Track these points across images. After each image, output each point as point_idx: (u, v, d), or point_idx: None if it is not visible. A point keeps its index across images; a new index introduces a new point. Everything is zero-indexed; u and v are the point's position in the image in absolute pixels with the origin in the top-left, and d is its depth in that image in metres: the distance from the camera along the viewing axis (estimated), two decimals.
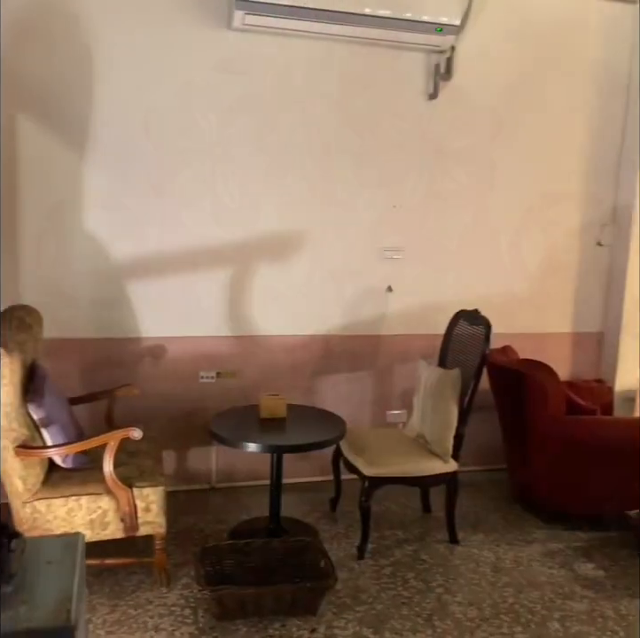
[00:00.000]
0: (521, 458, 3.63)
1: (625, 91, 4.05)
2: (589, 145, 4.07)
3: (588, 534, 3.42)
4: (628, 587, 2.97)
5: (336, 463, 3.49)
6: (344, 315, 3.88)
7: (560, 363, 4.12)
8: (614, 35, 3.97)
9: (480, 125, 3.88)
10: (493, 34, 3.80)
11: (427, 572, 3.03)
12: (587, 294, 4.24)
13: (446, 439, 3.19)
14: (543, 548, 3.29)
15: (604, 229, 4.17)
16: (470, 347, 3.39)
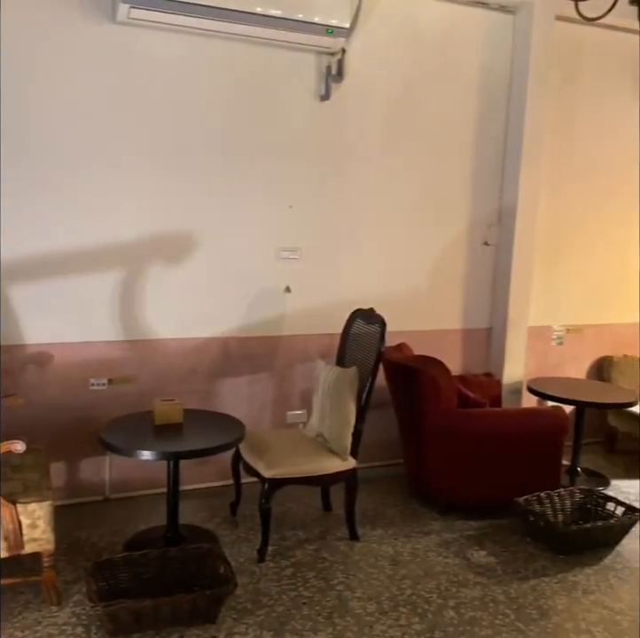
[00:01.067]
0: (416, 452, 3.73)
1: (506, 97, 4.24)
2: (474, 148, 4.24)
3: (480, 523, 3.56)
4: (518, 570, 3.11)
5: (236, 467, 3.44)
6: (242, 316, 3.84)
7: (452, 359, 4.28)
8: (495, 43, 4.16)
9: (371, 126, 3.95)
10: (382, 37, 3.88)
11: (328, 571, 3.05)
12: (475, 292, 4.41)
13: (344, 437, 3.22)
14: (439, 538, 3.39)
15: (491, 229, 4.36)
16: (366, 345, 3.44)
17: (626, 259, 4.80)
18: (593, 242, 4.68)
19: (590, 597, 2.92)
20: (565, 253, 4.61)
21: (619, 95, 4.57)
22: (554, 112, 4.35)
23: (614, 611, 2.82)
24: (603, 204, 4.66)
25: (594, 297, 4.75)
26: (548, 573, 3.10)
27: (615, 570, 3.15)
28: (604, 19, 3.95)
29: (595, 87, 4.49)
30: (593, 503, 3.51)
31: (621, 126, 4.61)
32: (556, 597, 2.91)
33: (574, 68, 4.41)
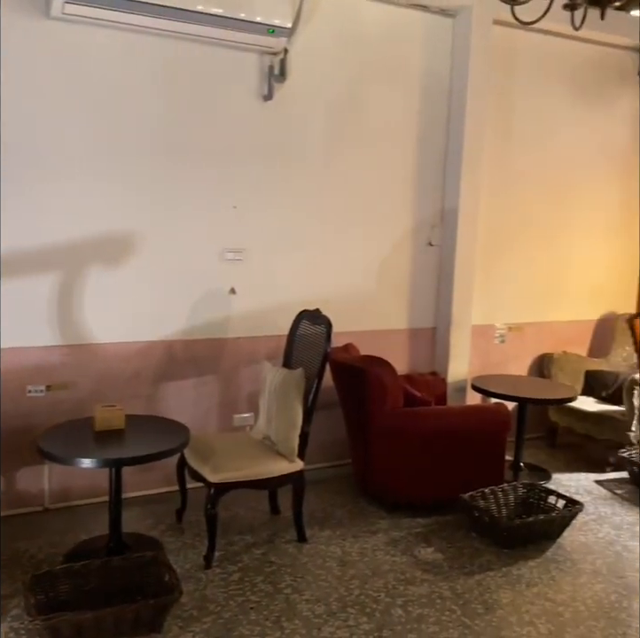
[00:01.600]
0: (364, 452, 3.74)
1: (447, 99, 4.31)
2: (417, 150, 4.28)
3: (427, 520, 3.59)
4: (464, 566, 3.15)
5: (181, 473, 3.38)
6: (187, 318, 3.78)
7: (398, 358, 4.32)
8: (436, 46, 4.21)
9: (314, 127, 3.95)
10: (324, 38, 3.88)
11: (276, 574, 3.02)
12: (420, 292, 4.46)
13: (291, 439, 3.20)
14: (387, 537, 3.41)
15: (434, 230, 4.41)
16: (313, 347, 3.43)
17: (564, 259, 4.93)
18: (533, 242, 4.80)
19: (533, 590, 2.98)
20: (506, 254, 4.71)
21: (556, 99, 4.69)
22: (494, 115, 4.44)
23: (556, 603, 2.89)
24: (542, 206, 4.78)
25: (534, 296, 4.87)
26: (493, 568, 3.15)
27: (557, 562, 3.23)
28: (541, 24, 4.06)
29: (533, 91, 4.60)
30: (535, 497, 3.58)
31: (558, 130, 4.74)
32: (500, 591, 2.96)
33: (513, 72, 4.51)
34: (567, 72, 4.70)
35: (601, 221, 5.04)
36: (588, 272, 5.04)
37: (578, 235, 4.96)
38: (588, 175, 4.91)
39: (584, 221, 4.96)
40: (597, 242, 5.05)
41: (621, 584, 3.05)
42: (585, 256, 5.01)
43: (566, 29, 3.37)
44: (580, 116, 4.80)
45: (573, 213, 4.91)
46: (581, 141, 4.84)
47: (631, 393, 4.22)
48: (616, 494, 4.05)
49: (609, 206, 5.05)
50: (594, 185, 4.95)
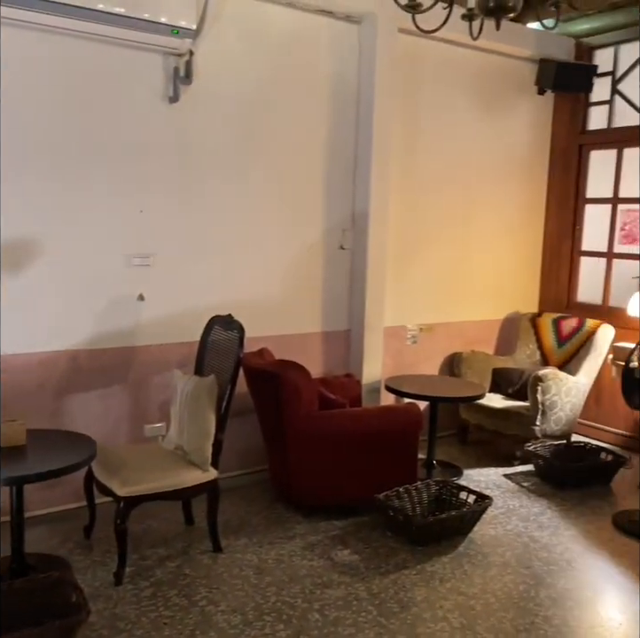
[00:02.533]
0: (280, 457, 3.72)
1: (356, 105, 4.36)
2: (327, 154, 4.31)
3: (344, 522, 3.61)
4: (380, 565, 3.19)
5: (89, 487, 3.25)
6: (93, 327, 3.64)
7: (313, 361, 4.33)
8: (344, 52, 4.25)
9: (224, 130, 3.90)
10: (231, 41, 3.84)
11: (190, 587, 2.96)
12: (334, 295, 4.49)
13: (204, 447, 3.14)
14: (303, 541, 3.40)
15: (345, 233, 4.45)
16: (226, 353, 3.39)
17: (471, 261, 5.09)
18: (441, 245, 4.92)
19: (447, 585, 3.05)
20: (416, 256, 4.81)
21: (461, 106, 4.84)
22: (402, 120, 4.52)
23: (469, 596, 2.96)
24: (449, 210, 4.92)
25: (444, 297, 5.00)
26: (407, 566, 3.20)
27: (469, 556, 3.31)
28: (444, 34, 4.16)
29: (439, 97, 4.72)
30: (448, 494, 3.67)
31: (463, 135, 4.89)
32: (415, 588, 3.01)
33: (419, 79, 4.62)
34: (471, 80, 4.86)
35: (505, 224, 5.23)
36: (493, 273, 5.22)
37: (484, 238, 5.13)
38: (492, 180, 5.09)
39: (489, 224, 5.14)
40: (502, 245, 5.24)
41: (529, 574, 3.17)
42: (491, 258, 5.19)
43: (469, 39, 3.47)
44: (483, 122, 4.97)
45: (478, 216, 5.08)
46: (485, 146, 5.01)
47: (535, 389, 4.41)
48: (523, 486, 4.21)
49: (513, 210, 5.26)
50: (498, 189, 5.14)
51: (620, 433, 4.92)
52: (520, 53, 4.94)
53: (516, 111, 5.13)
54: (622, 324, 4.79)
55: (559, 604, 2.92)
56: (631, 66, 4.86)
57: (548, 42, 4.95)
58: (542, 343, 5.14)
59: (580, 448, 4.45)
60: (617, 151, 4.98)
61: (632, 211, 4.99)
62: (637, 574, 3.19)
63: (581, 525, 3.69)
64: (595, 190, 5.19)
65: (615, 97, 4.98)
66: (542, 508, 3.90)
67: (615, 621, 2.83)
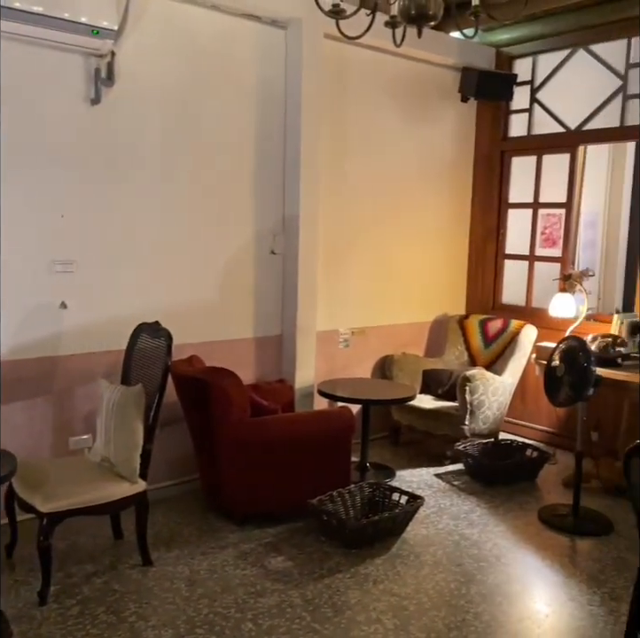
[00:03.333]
0: (212, 465, 3.66)
1: (284, 110, 4.35)
2: (256, 159, 4.28)
3: (278, 529, 3.59)
4: (314, 571, 3.18)
5: (9, 505, 3.11)
6: (12, 336, 3.49)
7: (245, 368, 4.29)
8: (270, 57, 4.24)
9: (149, 133, 3.82)
10: (156, 43, 3.77)
11: (119, 603, 2.87)
12: (265, 300, 4.46)
13: (132, 459, 3.06)
14: (237, 550, 3.36)
15: (276, 238, 4.44)
16: (153, 361, 3.31)
17: (401, 264, 5.16)
18: (372, 249, 4.97)
19: (380, 587, 3.07)
20: (347, 260, 4.85)
21: (388, 112, 4.91)
22: (330, 126, 4.55)
23: (402, 597, 2.99)
24: (379, 214, 4.97)
25: (375, 300, 5.05)
26: (341, 569, 3.20)
27: (402, 557, 3.35)
28: (370, 41, 4.21)
29: (366, 104, 4.77)
30: (381, 496, 3.70)
31: (390, 141, 4.95)
32: (349, 592, 3.01)
33: (347, 85, 4.65)
34: (398, 86, 4.93)
35: (433, 228, 5.34)
36: (422, 277, 5.31)
37: (413, 242, 5.21)
38: (420, 184, 5.19)
39: (418, 228, 5.23)
40: (431, 248, 5.35)
41: (460, 572, 3.23)
42: (420, 262, 5.28)
43: (394, 46, 3.52)
44: (410, 127, 5.06)
45: (407, 220, 5.16)
46: (412, 151, 5.10)
47: (463, 389, 4.50)
48: (454, 485, 4.29)
49: (440, 214, 5.37)
50: (426, 194, 5.24)
51: (545, 430, 5.09)
52: (444, 61, 5.05)
53: (441, 117, 5.24)
54: (544, 324, 4.96)
55: (489, 600, 2.98)
56: (548, 76, 5.05)
57: (470, 50, 5.08)
58: (469, 344, 5.27)
59: (507, 446, 4.58)
60: (537, 158, 5.17)
61: (552, 215, 5.18)
62: (563, 566, 3.30)
63: (509, 521, 3.79)
64: (517, 195, 5.36)
65: (534, 106, 5.16)
66: (472, 505, 3.98)
67: (542, 613, 2.92)
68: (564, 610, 2.93)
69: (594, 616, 2.87)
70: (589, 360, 3.64)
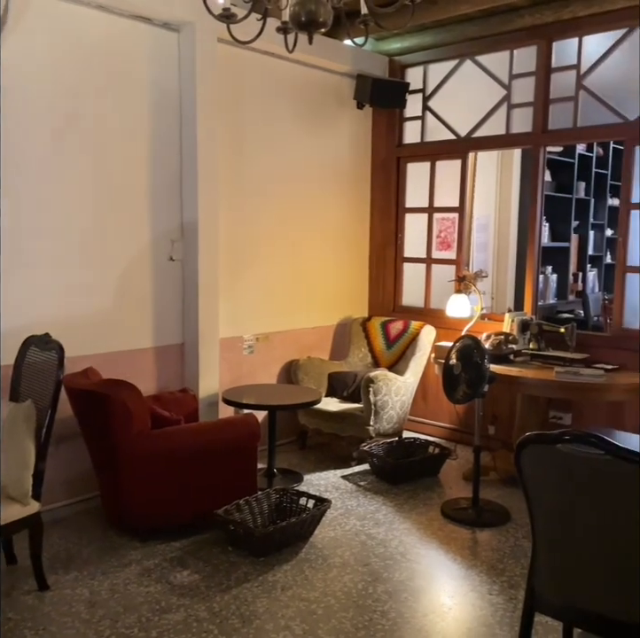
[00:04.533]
0: (113, 481, 3.53)
1: (179, 114, 4.27)
2: (151, 164, 4.17)
3: (183, 542, 3.50)
4: (221, 582, 3.13)
5: None
6: None
7: (146, 378, 4.17)
8: (164, 60, 4.15)
9: (37, 137, 3.64)
10: (41, 40, 3.60)
11: (13, 632, 2.70)
12: (165, 308, 4.35)
13: (23, 479, 2.89)
14: (140, 567, 3.25)
15: (174, 244, 4.34)
16: (44, 375, 3.15)
17: (304, 269, 5.18)
18: (275, 254, 4.97)
19: (288, 593, 3.06)
20: (250, 266, 4.82)
21: (286, 118, 4.92)
22: (228, 131, 4.51)
23: (310, 601, 2.99)
24: (281, 219, 4.98)
25: (279, 305, 5.05)
26: (249, 579, 3.16)
27: (310, 561, 3.35)
28: (264, 46, 4.22)
29: (264, 109, 4.77)
30: (288, 501, 3.69)
31: (290, 147, 4.97)
32: (257, 601, 2.98)
33: (245, 91, 4.62)
34: (296, 93, 4.96)
35: (334, 232, 5.40)
36: (325, 281, 5.36)
37: (315, 246, 5.25)
38: (320, 190, 5.23)
39: (319, 233, 5.28)
40: (333, 253, 5.40)
41: (367, 571, 3.27)
42: (323, 266, 5.33)
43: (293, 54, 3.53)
44: (308, 134, 5.10)
45: (308, 225, 5.19)
46: (311, 158, 5.14)
47: (367, 391, 4.57)
48: (360, 486, 4.35)
49: (340, 219, 5.44)
50: (326, 199, 5.29)
51: (446, 427, 5.26)
52: (339, 68, 5.13)
53: (339, 123, 5.32)
54: (442, 325, 5.12)
55: (395, 597, 3.04)
56: (439, 85, 5.23)
57: (364, 58, 5.19)
58: (372, 346, 5.36)
59: (410, 444, 4.69)
60: (430, 164, 5.34)
61: (446, 219, 5.37)
62: (464, 558, 3.41)
63: (413, 518, 3.88)
64: (414, 199, 5.51)
65: (427, 113, 5.33)
66: (378, 505, 4.05)
67: (446, 606, 3.00)
68: (466, 602, 3.03)
69: (494, 605, 2.99)
70: (483, 357, 3.79)
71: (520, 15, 4.52)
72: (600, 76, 4.45)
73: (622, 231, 4.44)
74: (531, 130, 4.75)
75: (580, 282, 7.01)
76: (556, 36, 4.55)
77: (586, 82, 4.49)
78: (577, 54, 4.51)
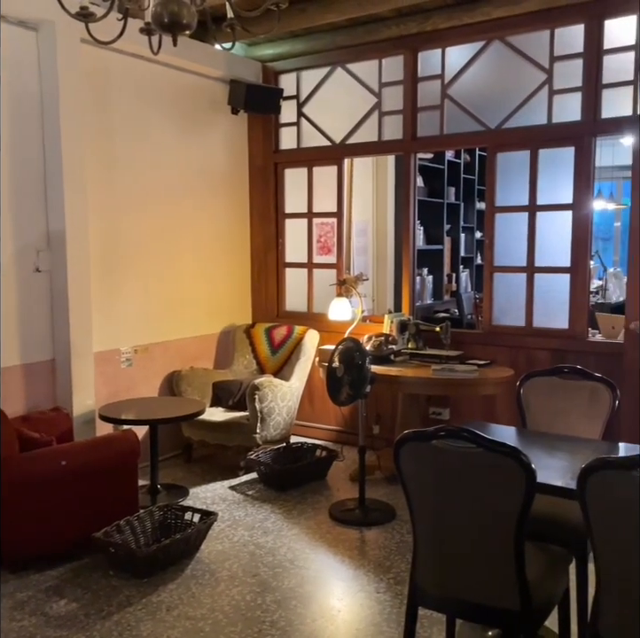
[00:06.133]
0: None
1: (41, 117, 4.04)
2: (11, 170, 3.92)
3: (60, 570, 3.30)
4: (101, 609, 2.97)
5: None
6: None
7: (14, 399, 3.91)
8: (22, 60, 3.91)
9: None
10: None
11: None
12: (32, 322, 4.09)
13: None
14: (12, 601, 3.02)
15: (40, 254, 4.10)
16: None
17: (184, 277, 5.06)
18: (152, 263, 4.81)
19: (174, 613, 2.95)
20: (126, 275, 4.63)
21: (160, 123, 4.78)
22: (98, 136, 4.32)
23: (197, 619, 2.90)
24: (157, 227, 4.83)
25: (158, 316, 4.89)
26: (132, 602, 3.02)
27: (196, 577, 3.26)
28: (135, 49, 4.08)
29: (137, 114, 4.61)
30: (173, 517, 3.57)
31: (164, 153, 4.84)
32: (141, 624, 2.85)
33: (116, 94, 4.44)
34: (169, 98, 4.83)
35: (215, 239, 5.31)
36: (207, 288, 5.26)
37: (195, 254, 5.14)
38: (198, 196, 5.13)
39: (199, 240, 5.17)
40: (214, 260, 5.31)
41: (255, 582, 3.22)
42: (204, 273, 5.22)
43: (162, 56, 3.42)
44: (184, 140, 4.98)
45: (188, 232, 5.07)
46: (188, 164, 5.03)
47: (253, 398, 4.53)
48: (248, 495, 4.29)
49: (220, 225, 5.36)
50: (205, 205, 5.20)
51: (333, 429, 5.31)
52: (212, 73, 5.06)
53: (214, 129, 5.24)
54: (326, 328, 5.17)
55: (284, 606, 3.01)
56: (312, 91, 5.29)
57: (237, 64, 5.15)
58: (257, 353, 5.32)
59: (297, 449, 4.69)
60: (307, 169, 5.38)
61: (325, 224, 5.44)
62: (352, 559, 3.44)
63: (302, 523, 3.87)
64: (294, 205, 5.54)
65: (302, 120, 5.38)
66: (267, 513, 4.01)
67: (335, 609, 3.00)
68: (354, 602, 3.05)
69: (381, 602, 3.03)
70: (364, 359, 3.85)
71: (387, 25, 4.66)
72: (464, 86, 4.67)
73: (489, 233, 4.68)
74: (402, 137, 4.90)
75: (454, 282, 7.34)
76: (420, 47, 4.73)
77: (450, 92, 4.70)
78: (441, 64, 4.71)
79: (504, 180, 4.59)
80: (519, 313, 4.58)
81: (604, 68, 4.14)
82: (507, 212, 4.59)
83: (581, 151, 4.24)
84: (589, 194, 4.29)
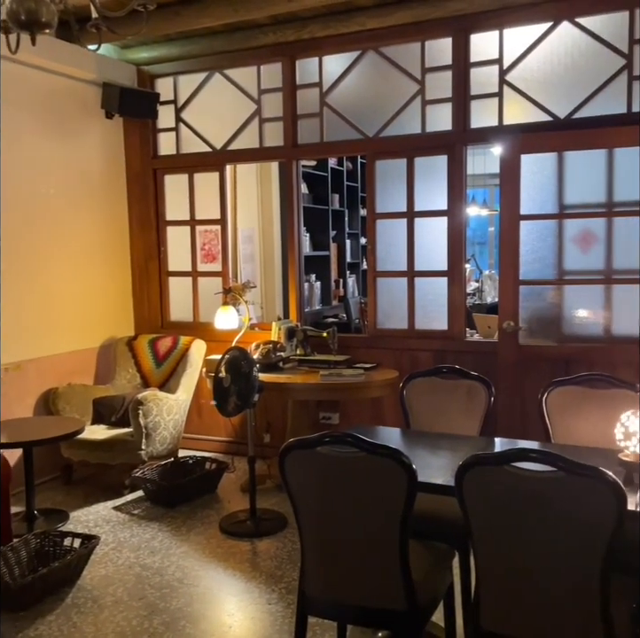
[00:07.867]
0: None
1: None
2: None
3: None
4: None
5: None
6: None
7: None
8: None
9: None
10: None
11: None
12: None
13: None
14: None
15: None
16: None
17: (58, 290, 4.79)
18: (22, 276, 4.51)
19: None
20: None
21: (28, 130, 4.51)
22: None
23: None
24: (27, 239, 4.54)
25: (32, 331, 4.60)
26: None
27: (78, 606, 3.07)
28: None
29: (3, 120, 4.32)
30: (51, 544, 3.35)
31: (35, 159, 4.57)
32: None
33: None
34: (38, 101, 4.57)
35: (91, 249, 5.07)
36: (84, 301, 5.01)
37: (71, 265, 4.88)
38: (71, 205, 4.88)
39: (75, 251, 4.92)
40: (91, 271, 5.07)
41: (142, 605, 3.08)
42: (80, 285, 4.97)
43: (31, 57, 3.21)
44: (55, 146, 4.73)
45: (62, 243, 4.81)
46: (59, 171, 4.78)
47: (136, 413, 4.35)
48: (134, 515, 4.11)
49: (97, 235, 5.12)
50: (79, 214, 4.95)
51: (223, 440, 5.21)
52: (84, 76, 4.84)
53: (87, 134, 5.02)
54: (213, 338, 5.07)
55: (172, 627, 2.89)
56: (190, 97, 5.19)
57: (110, 66, 4.96)
58: (140, 366, 5.13)
59: (186, 463, 4.55)
60: (188, 176, 5.27)
61: (209, 231, 5.34)
62: (244, 572, 3.38)
63: (192, 539, 3.76)
64: (175, 212, 5.40)
65: (180, 125, 5.26)
66: (154, 532, 3.86)
67: (226, 626, 2.93)
68: (246, 616, 2.99)
69: (273, 614, 2.99)
70: (251, 367, 3.80)
71: (264, 32, 4.64)
72: (342, 94, 4.75)
73: (370, 239, 4.77)
74: (283, 144, 4.91)
75: (341, 287, 7.44)
76: (298, 55, 4.76)
77: (329, 100, 4.76)
78: (319, 73, 4.76)
79: (384, 187, 4.70)
80: (401, 316, 4.70)
81: (472, 80, 4.34)
82: (387, 218, 4.71)
83: (453, 160, 4.42)
84: (463, 200, 4.48)
